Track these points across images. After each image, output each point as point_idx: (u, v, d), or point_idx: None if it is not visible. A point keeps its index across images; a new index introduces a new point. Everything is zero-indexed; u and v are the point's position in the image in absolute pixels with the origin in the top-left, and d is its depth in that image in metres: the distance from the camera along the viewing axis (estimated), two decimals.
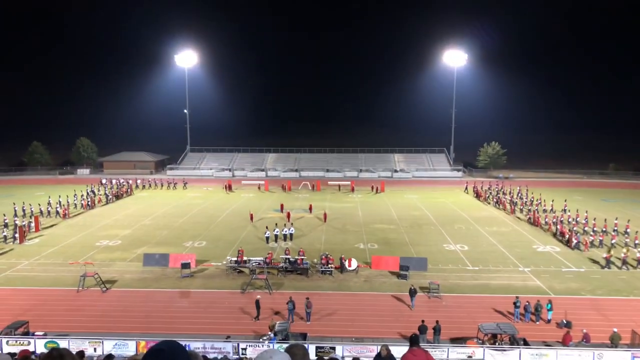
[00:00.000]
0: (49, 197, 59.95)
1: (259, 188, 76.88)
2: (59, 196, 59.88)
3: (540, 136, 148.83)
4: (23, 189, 75.98)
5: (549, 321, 27.26)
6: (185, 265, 34.33)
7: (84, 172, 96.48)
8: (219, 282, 33.35)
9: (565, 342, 24.30)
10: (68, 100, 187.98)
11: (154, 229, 48.64)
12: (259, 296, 28.56)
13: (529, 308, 27.48)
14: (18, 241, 42.89)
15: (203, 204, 62.78)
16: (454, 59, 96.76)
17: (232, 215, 55.51)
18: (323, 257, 35.77)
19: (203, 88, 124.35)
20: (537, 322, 27.24)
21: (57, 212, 54.48)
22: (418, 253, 39.89)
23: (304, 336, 24.70)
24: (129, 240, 44.14)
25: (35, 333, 24.81)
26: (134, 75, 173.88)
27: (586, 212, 51.56)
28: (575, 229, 46.05)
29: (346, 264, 35.13)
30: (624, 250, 38.27)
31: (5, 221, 48.09)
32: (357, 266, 35.48)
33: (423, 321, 25.10)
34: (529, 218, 52.45)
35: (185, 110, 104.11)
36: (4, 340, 23.55)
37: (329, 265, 34.88)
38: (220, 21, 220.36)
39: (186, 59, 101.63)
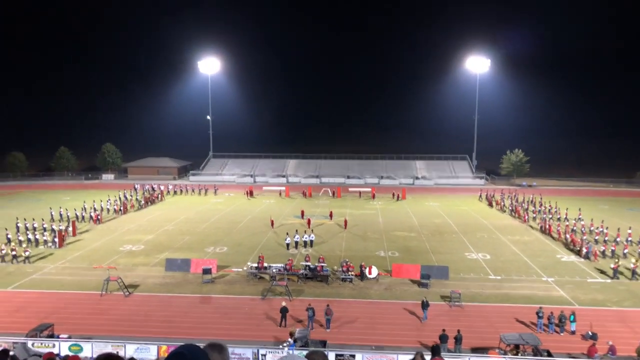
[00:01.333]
0: (84, 202, 61.26)
1: (280, 194, 77.21)
2: (93, 201, 61.10)
3: (564, 143, 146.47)
4: (50, 193, 77.74)
5: (573, 332, 26.72)
6: (207, 271, 34.63)
7: (108, 177, 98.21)
8: (240, 288, 33.53)
9: (590, 355, 23.78)
10: (94, 107, 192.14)
11: (177, 234, 49.19)
12: (284, 303, 28.54)
13: (553, 319, 26.96)
14: (57, 245, 43.80)
15: (225, 210, 63.29)
16: (477, 64, 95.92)
17: (253, 221, 55.83)
18: (343, 264, 35.70)
19: (225, 94, 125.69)
20: (561, 334, 26.72)
21: (91, 217, 55.53)
22: (439, 261, 39.53)
23: (323, 343, 24.66)
24: (152, 245, 44.72)
25: (60, 336, 25.29)
26: (158, 82, 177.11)
27: (602, 221, 50.36)
28: (585, 238, 45.03)
29: (366, 271, 34.98)
30: (633, 260, 37.37)
31: (44, 226, 49.28)
32: (378, 274, 35.31)
33: (444, 330, 24.86)
34: (541, 226, 51.61)
35: (208, 117, 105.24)
36: (29, 343, 24.04)
37: (349, 273, 34.78)
38: (243, 28, 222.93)
39: (209, 65, 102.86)
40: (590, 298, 31.84)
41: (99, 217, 55.13)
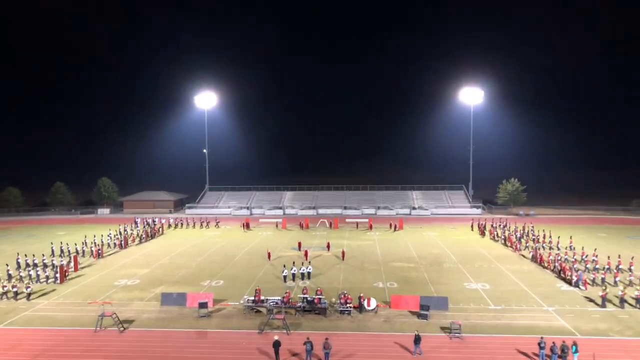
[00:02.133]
0: (85, 236, 60.78)
1: (276, 226, 76.89)
2: (94, 235, 60.72)
3: (561, 172, 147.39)
4: (44, 228, 77.18)
5: None
6: (203, 305, 34.13)
7: (104, 211, 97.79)
8: (237, 322, 32.99)
9: None
10: (90, 142, 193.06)
11: (172, 268, 48.68)
12: (276, 337, 28.01)
13: (555, 349, 26.52)
14: (59, 281, 43.11)
15: (221, 243, 62.88)
16: (471, 95, 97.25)
17: (250, 254, 55.40)
18: (341, 296, 35.27)
19: (221, 128, 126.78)
20: None
21: (91, 252, 55.03)
22: (438, 292, 39.13)
23: None
24: (147, 280, 44.19)
25: None
26: (154, 117, 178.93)
27: (595, 249, 50.23)
28: (575, 266, 44.76)
29: (365, 303, 34.56)
30: (621, 287, 37.12)
31: (44, 261, 48.73)
32: (377, 306, 34.88)
33: None
34: (532, 255, 51.35)
35: (205, 150, 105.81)
36: None
37: (348, 305, 34.34)
38: (239, 62, 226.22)
39: (205, 100, 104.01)
40: (592, 327, 31.43)
41: (100, 251, 54.63)
